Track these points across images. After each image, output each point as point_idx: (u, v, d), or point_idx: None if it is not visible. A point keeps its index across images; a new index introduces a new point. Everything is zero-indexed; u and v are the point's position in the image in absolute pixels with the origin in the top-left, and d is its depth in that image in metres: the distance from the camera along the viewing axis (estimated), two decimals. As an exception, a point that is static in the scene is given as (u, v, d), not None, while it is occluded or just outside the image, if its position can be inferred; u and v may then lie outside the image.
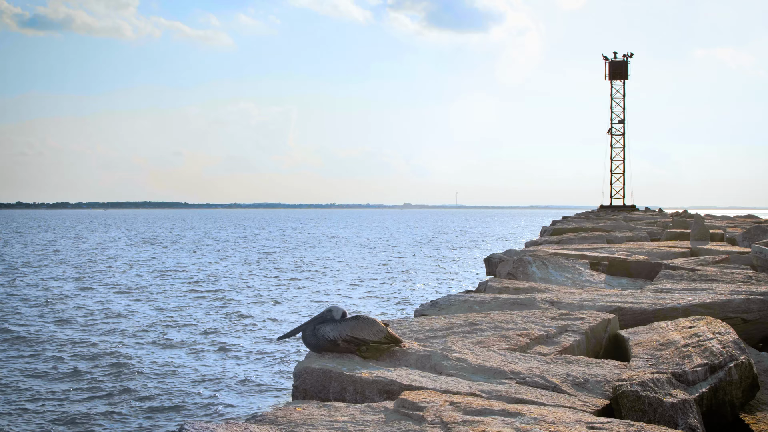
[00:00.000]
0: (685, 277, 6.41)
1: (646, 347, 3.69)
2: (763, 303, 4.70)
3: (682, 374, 3.16)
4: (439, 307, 5.41)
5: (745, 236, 10.84)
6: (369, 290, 23.41)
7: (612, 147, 50.67)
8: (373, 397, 3.24)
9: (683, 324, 3.99)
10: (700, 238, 11.98)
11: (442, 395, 3.04)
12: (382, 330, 3.66)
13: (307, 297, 21.60)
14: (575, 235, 14.48)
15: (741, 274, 6.36)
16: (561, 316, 4.58)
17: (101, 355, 12.87)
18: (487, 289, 6.43)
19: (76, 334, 15.03)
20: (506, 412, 2.78)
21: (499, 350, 3.86)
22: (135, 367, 11.99)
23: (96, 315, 17.69)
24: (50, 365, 12.11)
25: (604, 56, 50.37)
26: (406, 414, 2.85)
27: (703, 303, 4.81)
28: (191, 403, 9.99)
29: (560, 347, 4.01)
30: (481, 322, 4.49)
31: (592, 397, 3.17)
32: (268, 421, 2.86)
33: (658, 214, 37.56)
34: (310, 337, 3.64)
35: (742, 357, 3.21)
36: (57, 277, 27.39)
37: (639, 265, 7.74)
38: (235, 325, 16.37)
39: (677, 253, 9.58)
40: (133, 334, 15.09)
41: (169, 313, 18.20)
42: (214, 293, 22.40)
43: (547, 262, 7.42)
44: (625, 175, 50.66)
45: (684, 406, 2.87)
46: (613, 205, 50.09)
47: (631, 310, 4.90)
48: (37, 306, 19.18)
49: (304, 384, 3.40)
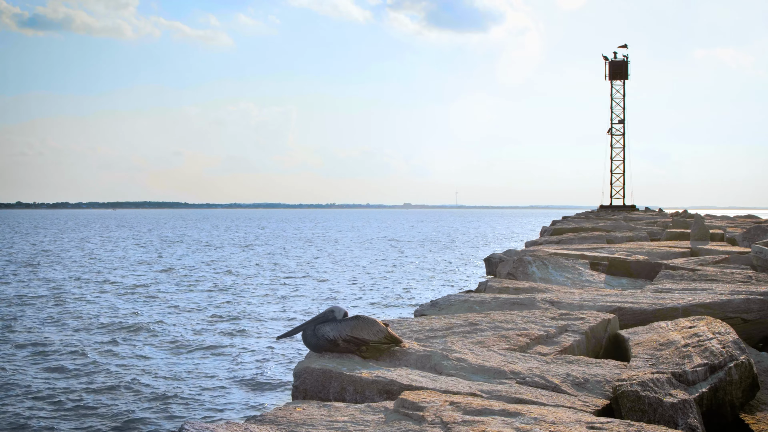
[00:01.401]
0: (685, 277, 6.41)
1: (646, 347, 3.69)
2: (763, 303, 4.70)
3: (682, 374, 3.16)
4: (439, 307, 5.41)
5: (745, 236, 10.84)
6: (369, 290, 23.41)
7: (612, 147, 50.70)
8: (373, 397, 3.24)
9: (683, 324, 3.98)
10: (700, 238, 11.98)
11: (442, 395, 3.04)
12: (382, 330, 3.66)
13: (307, 297, 21.59)
14: (575, 235, 14.49)
15: (741, 274, 6.36)
16: (561, 316, 4.58)
17: (101, 355, 12.87)
18: (487, 289, 6.43)
19: (76, 333, 15.03)
20: (506, 412, 2.78)
21: (499, 350, 3.86)
22: (135, 367, 11.99)
23: (96, 315, 17.69)
24: (50, 364, 12.11)
25: (604, 56, 50.40)
26: (406, 414, 2.85)
27: (703, 303, 4.81)
28: (191, 403, 9.99)
29: (560, 347, 4.01)
30: (481, 322, 4.49)
31: (592, 397, 3.17)
32: (268, 421, 2.86)
33: (658, 214, 37.56)
34: (311, 337, 3.64)
35: (742, 357, 3.21)
36: (63, 277, 27.41)
37: (639, 265, 7.75)
38: (234, 324, 16.37)
39: (677, 253, 9.58)
40: (133, 334, 15.09)
41: (169, 312, 18.21)
42: (213, 293, 22.40)
43: (547, 262, 7.42)
44: (625, 175, 50.69)
45: (684, 406, 2.87)
46: (613, 205, 50.08)
47: (631, 310, 4.90)
48: (43, 305, 19.19)
49: (304, 384, 3.40)
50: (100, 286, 24.35)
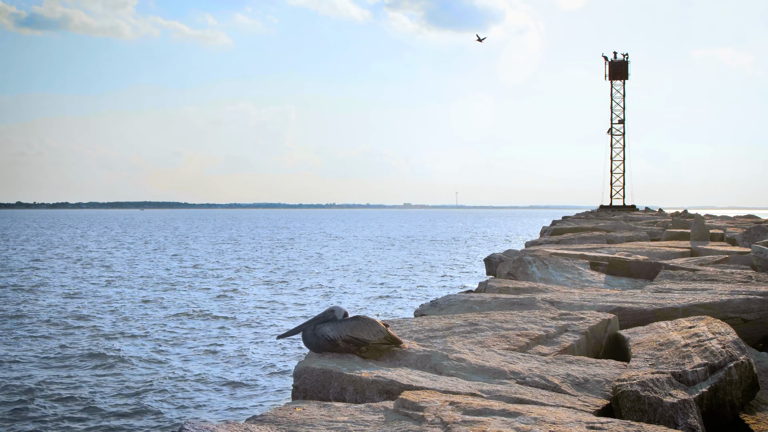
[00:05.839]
0: (685, 277, 6.41)
1: (646, 347, 3.69)
2: (763, 303, 4.69)
3: (682, 374, 3.16)
4: (439, 307, 5.41)
5: (745, 236, 10.83)
6: (369, 290, 23.41)
7: (612, 147, 50.69)
8: (373, 397, 3.24)
9: (683, 324, 3.98)
10: (700, 238, 11.97)
11: (442, 395, 3.04)
12: (382, 330, 3.66)
13: (308, 297, 21.60)
14: (575, 235, 14.48)
15: (741, 274, 6.35)
16: (561, 316, 4.58)
17: (101, 356, 12.87)
18: (487, 289, 6.43)
19: (77, 333, 15.03)
20: (506, 412, 2.78)
21: (499, 350, 3.86)
22: (135, 367, 11.99)
23: (96, 315, 17.69)
24: (50, 364, 12.11)
25: (604, 56, 50.39)
26: (406, 414, 2.85)
27: (703, 303, 4.81)
28: (191, 403, 9.99)
29: (560, 347, 4.01)
30: (481, 322, 4.49)
31: (592, 397, 3.17)
32: (268, 421, 2.86)
33: (658, 214, 37.55)
34: (311, 337, 3.64)
35: (742, 357, 3.21)
36: (70, 275, 27.40)
37: (639, 265, 7.74)
38: (234, 324, 16.37)
39: (677, 253, 9.58)
40: (133, 334, 15.09)
41: (169, 313, 18.20)
42: (213, 293, 22.40)
43: (547, 262, 7.42)
44: (625, 175, 50.68)
45: (684, 406, 2.87)
46: (613, 205, 50.07)
47: (631, 310, 4.90)
48: (47, 304, 19.19)
49: (304, 384, 3.40)
50: (102, 285, 24.36)
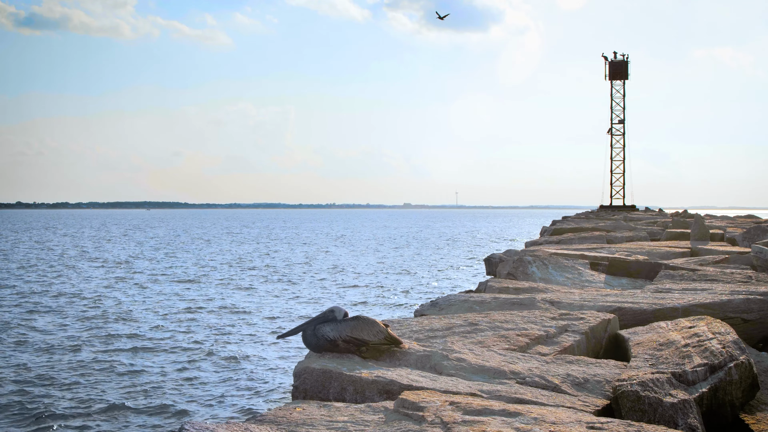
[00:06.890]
0: (685, 277, 6.41)
1: (646, 347, 3.69)
2: (763, 303, 4.69)
3: (682, 374, 3.16)
4: (439, 307, 5.41)
5: (745, 236, 10.83)
6: (369, 290, 23.41)
7: (612, 147, 50.66)
8: (373, 397, 3.24)
9: (683, 324, 3.98)
10: (700, 238, 11.97)
11: (442, 395, 3.04)
12: (382, 331, 3.66)
13: (308, 297, 21.59)
14: (575, 235, 14.47)
15: (741, 274, 6.35)
16: (561, 316, 4.58)
17: (102, 356, 12.87)
18: (487, 289, 6.42)
19: (77, 332, 15.03)
20: (506, 412, 2.78)
21: (499, 350, 3.86)
22: (135, 367, 11.99)
23: (96, 315, 17.69)
24: (51, 364, 12.10)
25: (604, 56, 50.36)
26: (406, 414, 2.85)
27: (703, 303, 4.81)
28: (191, 403, 9.99)
29: (560, 347, 4.01)
30: (481, 322, 4.49)
31: (592, 397, 3.17)
32: (268, 421, 2.86)
33: (658, 214, 37.54)
34: (311, 337, 3.64)
35: (742, 357, 3.21)
36: (61, 280, 27.40)
37: (639, 265, 7.74)
38: (234, 324, 16.37)
39: (677, 253, 9.57)
40: (134, 334, 15.09)
41: (169, 313, 18.20)
42: (213, 293, 22.40)
43: (547, 262, 7.41)
44: (625, 175, 50.65)
45: (684, 406, 2.87)
46: (613, 205, 50.04)
47: (631, 310, 4.90)
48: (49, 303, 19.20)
49: (304, 384, 3.40)
50: (106, 285, 24.36)
